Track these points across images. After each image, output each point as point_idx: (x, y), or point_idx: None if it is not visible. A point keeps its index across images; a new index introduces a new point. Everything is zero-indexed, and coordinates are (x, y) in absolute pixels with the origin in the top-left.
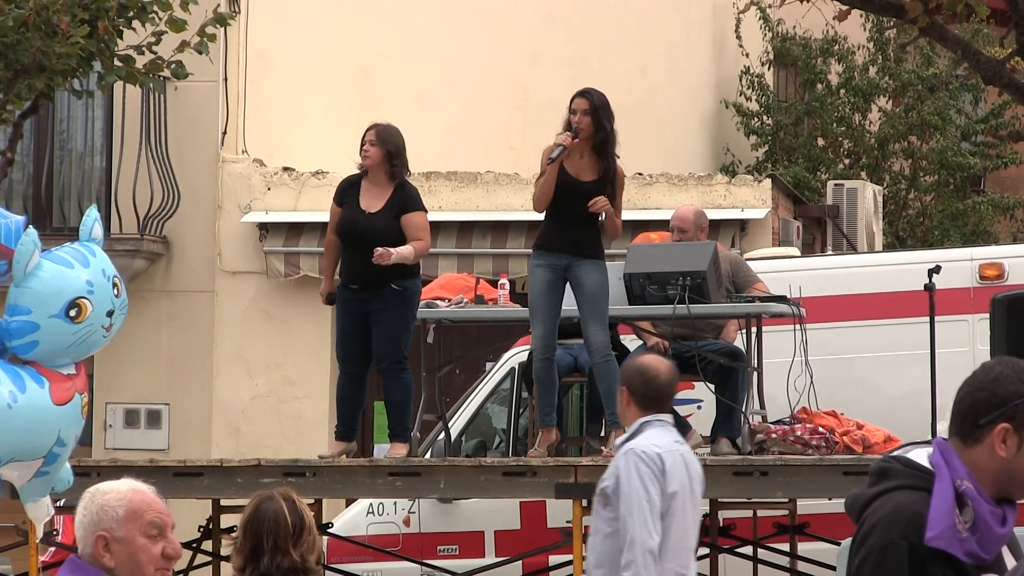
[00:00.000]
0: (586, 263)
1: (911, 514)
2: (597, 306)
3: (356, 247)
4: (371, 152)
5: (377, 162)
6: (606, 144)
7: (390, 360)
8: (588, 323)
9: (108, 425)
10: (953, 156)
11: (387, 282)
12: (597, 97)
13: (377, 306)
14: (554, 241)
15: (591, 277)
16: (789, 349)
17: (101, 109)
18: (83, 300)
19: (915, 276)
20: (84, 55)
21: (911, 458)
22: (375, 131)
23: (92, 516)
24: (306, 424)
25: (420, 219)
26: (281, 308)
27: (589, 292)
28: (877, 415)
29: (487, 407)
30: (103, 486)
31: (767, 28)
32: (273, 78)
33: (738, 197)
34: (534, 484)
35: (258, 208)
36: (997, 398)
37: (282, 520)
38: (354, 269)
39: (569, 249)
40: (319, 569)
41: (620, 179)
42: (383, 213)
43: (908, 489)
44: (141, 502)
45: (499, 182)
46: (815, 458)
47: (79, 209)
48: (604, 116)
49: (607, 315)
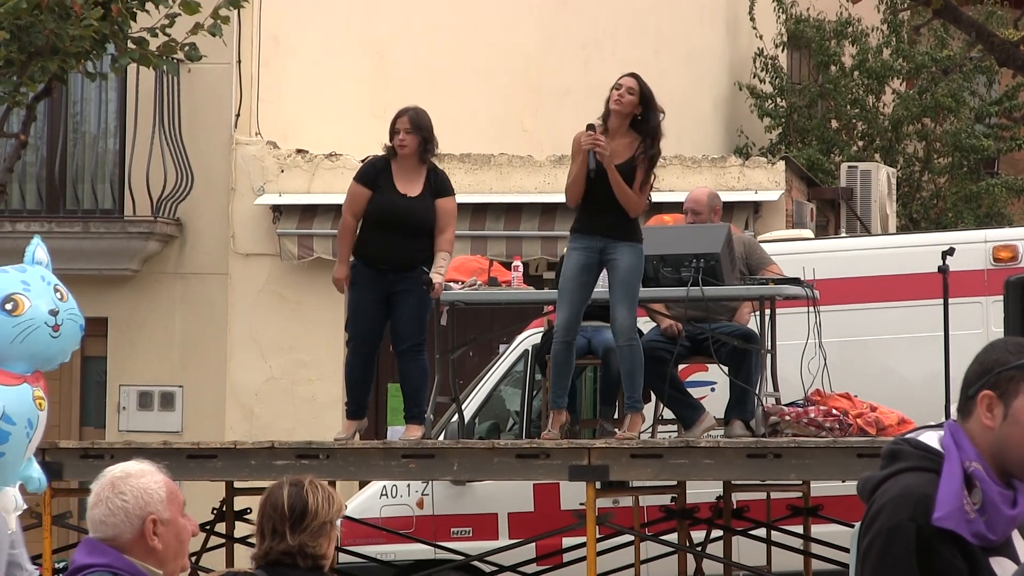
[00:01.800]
0: (622, 245)
1: (919, 495)
2: (628, 288)
3: (394, 230)
4: (407, 140)
5: (413, 150)
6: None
7: (414, 341)
8: (617, 305)
9: (122, 407)
10: (967, 138)
11: (417, 264)
12: (645, 85)
13: (404, 287)
14: (590, 224)
15: (625, 260)
16: (803, 331)
17: (115, 91)
18: (18, 295)
19: (929, 258)
20: (97, 37)
21: (922, 440)
22: (408, 118)
23: (136, 500)
24: (319, 406)
25: (453, 205)
26: (295, 290)
27: (622, 274)
28: (891, 397)
29: (500, 389)
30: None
31: (781, 10)
32: (286, 60)
33: (752, 179)
34: (547, 466)
35: (271, 190)
36: (983, 367)
37: (280, 506)
38: (386, 251)
39: (605, 232)
40: (326, 554)
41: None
42: (424, 197)
43: (917, 471)
44: (173, 484)
45: (512, 164)
46: (829, 440)
47: (93, 191)
48: (650, 99)
49: (636, 299)
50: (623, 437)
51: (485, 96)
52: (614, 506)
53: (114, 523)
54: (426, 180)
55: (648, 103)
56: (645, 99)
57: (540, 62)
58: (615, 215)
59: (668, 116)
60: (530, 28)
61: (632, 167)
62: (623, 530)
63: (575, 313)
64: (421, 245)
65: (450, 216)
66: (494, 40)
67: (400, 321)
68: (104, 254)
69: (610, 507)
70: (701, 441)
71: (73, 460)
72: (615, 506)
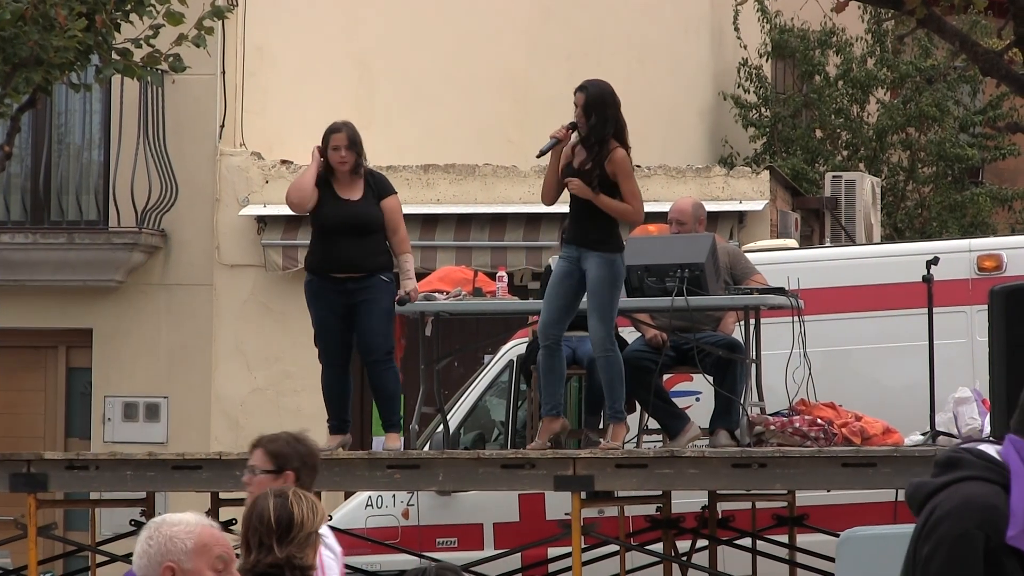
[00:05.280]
0: (592, 256)
1: (986, 505)
2: (596, 299)
3: (344, 234)
4: (348, 157)
5: (353, 165)
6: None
7: (384, 351)
8: (589, 317)
9: (107, 418)
10: (951, 147)
11: (376, 272)
12: (592, 90)
13: (366, 296)
14: (570, 233)
15: (594, 271)
16: (787, 341)
17: (99, 103)
18: None
19: (913, 268)
20: (82, 48)
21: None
22: (345, 134)
23: (159, 547)
24: (305, 417)
25: (397, 203)
26: (280, 301)
27: (592, 285)
28: (875, 407)
29: (485, 400)
30: (170, 518)
31: (765, 20)
32: (271, 71)
33: (736, 189)
34: (532, 476)
35: (256, 201)
36: None
37: (266, 517)
38: (338, 255)
39: (579, 241)
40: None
41: (619, 164)
42: (367, 199)
43: (980, 480)
44: (210, 536)
45: (497, 175)
46: (814, 450)
47: (77, 203)
48: (595, 109)
49: (611, 310)
50: (607, 447)
51: (470, 106)
52: (599, 516)
53: (140, 565)
54: (365, 184)
55: (595, 109)
56: (589, 107)
57: (525, 72)
58: (589, 225)
59: (653, 126)
60: (515, 38)
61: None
62: (608, 540)
63: (552, 317)
64: (373, 246)
65: (398, 214)
66: (479, 50)
67: (366, 333)
68: (89, 265)
69: (595, 517)
70: (686, 451)
71: (58, 471)
72: (600, 516)
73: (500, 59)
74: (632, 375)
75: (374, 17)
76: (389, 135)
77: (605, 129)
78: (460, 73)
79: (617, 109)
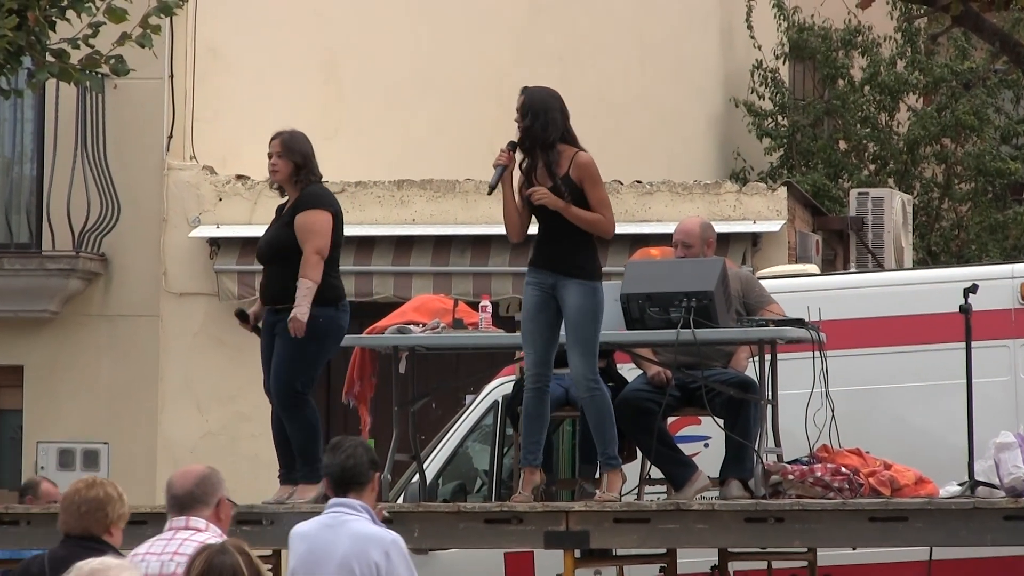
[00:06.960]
0: (570, 283)
1: None
2: (578, 333)
3: (265, 263)
4: (279, 165)
5: (285, 176)
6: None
7: (283, 396)
8: (569, 352)
9: (40, 467)
10: (991, 161)
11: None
12: (527, 96)
13: (278, 331)
14: (538, 257)
15: (572, 300)
16: (808, 379)
17: (32, 110)
18: None
19: (949, 296)
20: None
21: None
22: (280, 141)
23: None
24: (263, 465)
25: (311, 218)
26: (234, 334)
27: (570, 317)
28: (907, 453)
29: (467, 446)
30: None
31: (782, 17)
32: (225, 75)
33: (750, 208)
34: (520, 532)
35: (208, 221)
36: None
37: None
38: (264, 287)
39: (552, 266)
40: None
41: (585, 169)
42: (287, 219)
43: None
44: None
45: (480, 191)
46: (837, 502)
47: (7, 223)
48: (533, 110)
49: (592, 343)
50: (604, 499)
51: (450, 114)
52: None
53: None
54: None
55: (532, 110)
56: (527, 107)
57: (512, 75)
58: (563, 246)
59: (655, 136)
60: (500, 37)
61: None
62: None
63: (541, 356)
64: (291, 273)
65: (305, 232)
66: (460, 51)
67: (271, 375)
68: (20, 294)
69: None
70: (693, 503)
71: None
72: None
73: (484, 60)
74: (633, 417)
75: (342, 13)
76: (358, 146)
77: (548, 133)
78: (439, 76)
79: (565, 117)
